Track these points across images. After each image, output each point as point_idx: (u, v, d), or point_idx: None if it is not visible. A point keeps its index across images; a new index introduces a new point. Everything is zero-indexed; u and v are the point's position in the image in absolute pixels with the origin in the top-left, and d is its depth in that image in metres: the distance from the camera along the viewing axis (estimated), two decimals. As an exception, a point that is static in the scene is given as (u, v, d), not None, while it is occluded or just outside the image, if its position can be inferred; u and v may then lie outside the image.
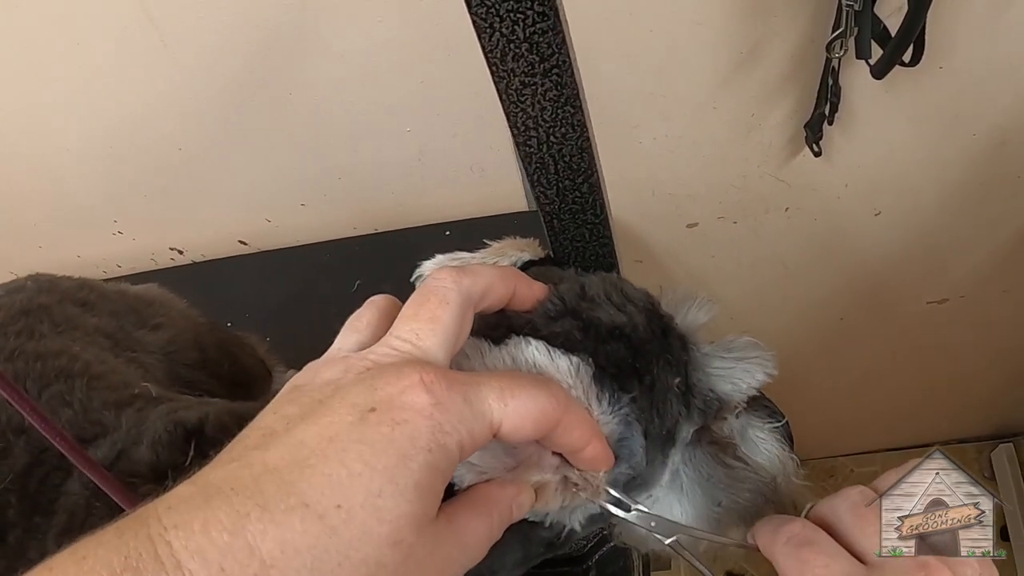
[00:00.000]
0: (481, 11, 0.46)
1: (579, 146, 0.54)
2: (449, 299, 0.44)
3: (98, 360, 0.74)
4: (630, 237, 1.36)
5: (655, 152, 1.21)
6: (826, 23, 1.01)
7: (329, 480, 0.37)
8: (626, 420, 0.49)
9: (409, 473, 0.38)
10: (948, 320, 1.59)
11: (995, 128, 1.19)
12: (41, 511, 0.63)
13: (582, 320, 0.50)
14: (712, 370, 0.56)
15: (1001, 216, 1.36)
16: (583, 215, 0.60)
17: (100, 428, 0.67)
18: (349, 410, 0.39)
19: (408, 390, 0.40)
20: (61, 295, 0.83)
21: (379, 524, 0.37)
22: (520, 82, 0.50)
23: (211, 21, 1.07)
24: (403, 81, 1.12)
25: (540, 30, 0.47)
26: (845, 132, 1.18)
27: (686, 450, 0.56)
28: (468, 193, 1.28)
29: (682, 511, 0.57)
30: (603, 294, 0.53)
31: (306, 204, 1.34)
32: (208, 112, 1.20)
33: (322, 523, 0.36)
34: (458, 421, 0.40)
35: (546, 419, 0.43)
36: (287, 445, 0.39)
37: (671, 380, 0.53)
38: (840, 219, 1.35)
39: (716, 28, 1.04)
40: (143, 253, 1.46)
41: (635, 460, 0.50)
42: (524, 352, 0.48)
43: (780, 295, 1.52)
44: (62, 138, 1.25)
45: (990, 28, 1.05)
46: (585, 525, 0.52)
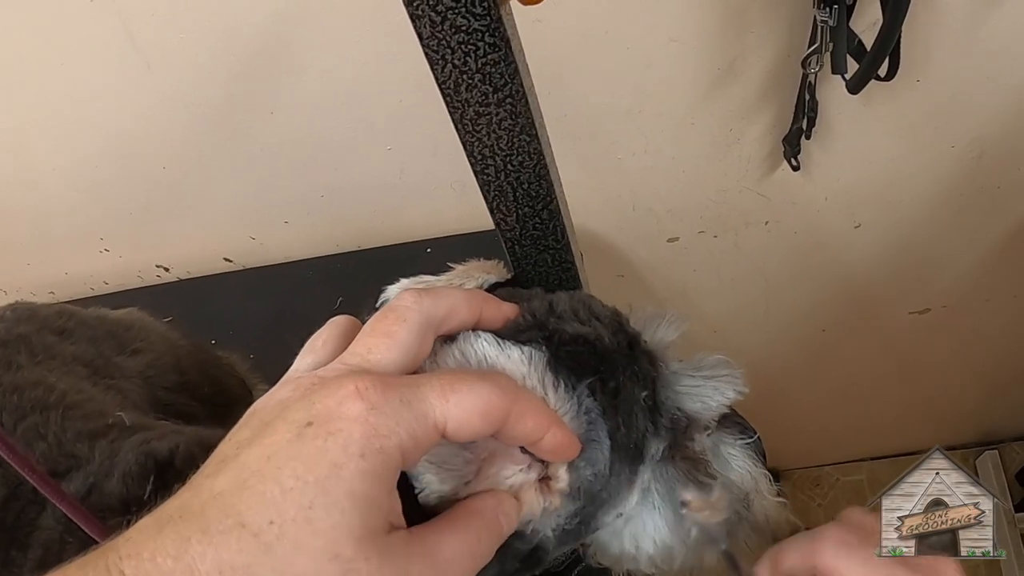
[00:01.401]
0: (433, 43, 0.46)
1: (536, 174, 0.54)
2: (407, 317, 0.44)
3: (75, 389, 0.75)
4: (611, 252, 1.37)
5: (635, 168, 1.22)
6: (802, 38, 1.01)
7: (264, 498, 0.37)
8: (588, 416, 0.48)
9: (341, 482, 0.37)
10: (931, 330, 1.60)
11: (973, 140, 1.20)
12: (17, 544, 0.63)
13: (547, 331, 0.50)
14: (681, 388, 0.56)
15: (981, 227, 1.37)
16: (544, 241, 0.60)
17: (73, 461, 0.67)
18: (288, 427, 0.39)
19: (344, 400, 0.39)
20: (40, 324, 0.83)
21: (312, 537, 0.36)
22: (475, 112, 0.50)
23: (193, 43, 1.07)
24: (382, 100, 1.13)
25: (492, 61, 0.47)
26: (823, 146, 1.19)
27: (656, 468, 0.55)
28: (449, 210, 1.28)
29: (655, 528, 0.56)
30: (570, 310, 0.53)
31: (289, 222, 1.35)
32: (191, 132, 1.20)
33: (257, 540, 0.36)
34: (395, 424, 0.39)
35: (493, 411, 0.42)
36: (233, 470, 0.39)
37: (638, 393, 0.52)
38: (820, 232, 1.35)
39: (692, 45, 1.05)
40: (130, 270, 1.46)
41: (599, 467, 0.49)
42: (473, 346, 0.48)
43: (762, 308, 1.53)
44: (48, 157, 1.26)
45: (966, 42, 1.06)
46: (558, 541, 0.51)
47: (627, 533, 0.57)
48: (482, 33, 0.46)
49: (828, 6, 0.94)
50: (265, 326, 1.30)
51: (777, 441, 2.06)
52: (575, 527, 0.51)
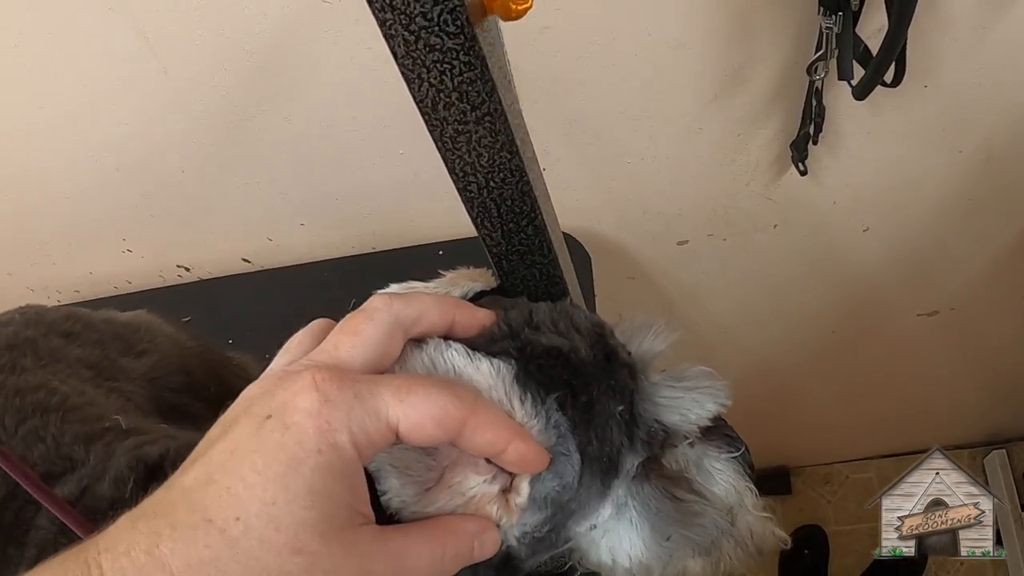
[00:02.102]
0: (408, 62, 0.46)
1: (519, 190, 0.54)
2: (375, 317, 0.45)
3: (76, 392, 0.75)
4: (622, 255, 1.38)
5: (644, 173, 1.23)
6: (808, 45, 1.02)
7: (228, 493, 0.38)
8: (557, 430, 0.48)
9: (300, 478, 0.38)
10: (939, 332, 1.60)
11: (981, 144, 1.21)
12: (14, 543, 0.64)
13: (520, 342, 0.50)
14: (660, 400, 0.55)
15: (989, 230, 1.38)
16: (531, 256, 0.59)
17: (69, 463, 0.67)
18: (250, 421, 0.40)
19: (299, 393, 0.40)
20: (47, 327, 0.84)
21: (276, 532, 0.37)
22: (453, 130, 0.49)
23: (209, 49, 1.09)
24: (395, 105, 1.14)
25: (468, 79, 0.46)
26: (831, 151, 1.20)
27: (632, 484, 0.55)
28: (461, 213, 1.27)
29: (631, 544, 0.55)
30: (549, 321, 0.52)
31: (305, 224, 1.37)
32: (208, 136, 1.22)
33: (223, 536, 0.37)
34: (348, 418, 0.40)
35: (448, 419, 0.42)
36: (201, 466, 0.40)
37: (613, 407, 0.51)
38: (829, 235, 1.36)
39: (699, 52, 1.06)
40: (152, 270, 1.48)
41: (566, 479, 0.49)
42: (444, 355, 0.47)
43: (771, 309, 1.53)
44: (72, 161, 1.28)
45: (973, 46, 1.07)
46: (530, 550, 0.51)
47: (604, 545, 0.56)
48: (457, 52, 0.45)
49: (833, 13, 0.95)
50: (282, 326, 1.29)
51: (787, 439, 2.06)
52: (545, 535, 0.50)
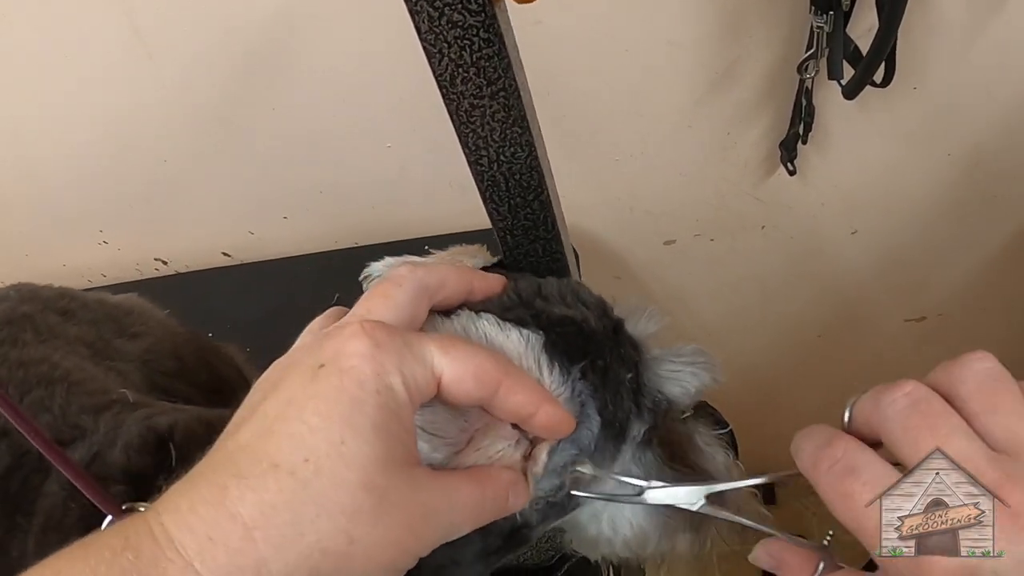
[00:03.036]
0: (430, 37, 0.48)
1: (528, 165, 0.56)
2: (402, 283, 0.47)
3: (78, 368, 0.76)
4: (608, 254, 1.38)
5: (632, 170, 1.23)
6: (799, 44, 1.02)
7: (292, 439, 0.39)
8: (580, 398, 0.50)
9: (365, 417, 0.39)
10: (926, 338, 1.60)
11: (970, 148, 1.20)
12: (22, 511, 0.64)
13: (534, 310, 0.52)
14: (662, 372, 0.58)
15: (978, 235, 1.37)
16: (535, 231, 0.62)
17: (78, 431, 0.68)
18: (301, 373, 0.41)
19: (350, 339, 0.41)
20: (43, 304, 0.85)
21: (347, 470, 0.38)
22: (469, 104, 0.52)
23: (197, 37, 1.08)
24: (384, 98, 1.14)
25: (486, 55, 0.49)
26: (820, 151, 1.20)
27: (637, 450, 0.57)
28: (447, 208, 1.29)
29: (633, 511, 0.58)
30: (557, 293, 0.55)
31: (288, 217, 1.36)
32: (193, 125, 1.21)
33: (293, 478, 0.38)
34: (400, 362, 0.41)
35: (487, 376, 0.44)
36: (253, 423, 0.41)
37: (623, 374, 0.54)
38: (817, 237, 1.36)
39: (691, 49, 1.06)
40: (128, 263, 1.47)
41: (583, 444, 0.51)
42: (475, 323, 0.50)
43: (757, 312, 1.53)
44: (49, 148, 1.27)
45: (964, 49, 1.06)
46: (541, 515, 0.53)
47: (605, 515, 0.59)
48: (477, 29, 0.48)
49: (825, 12, 0.95)
50: (262, 320, 1.30)
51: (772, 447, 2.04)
52: (560, 500, 0.53)
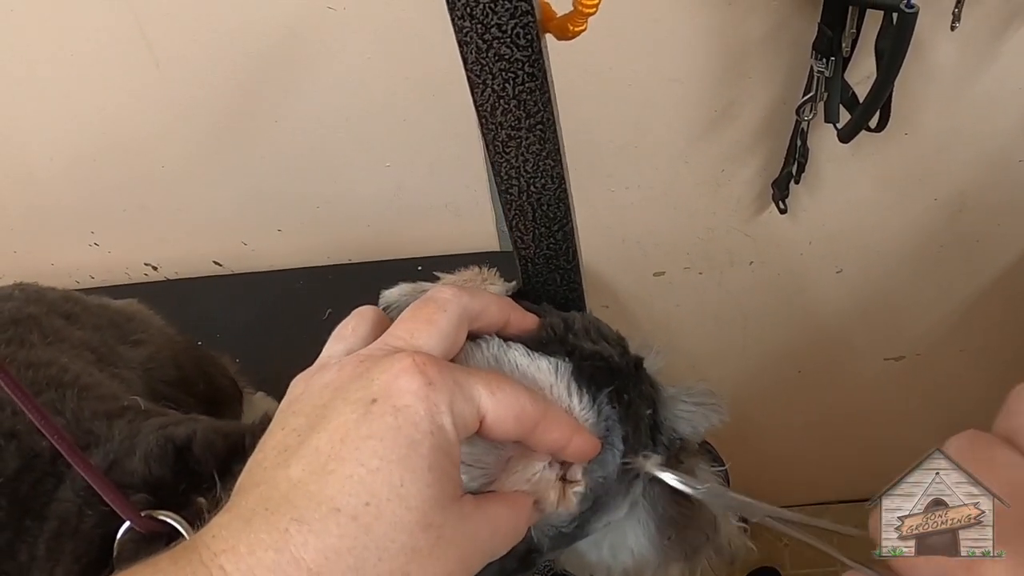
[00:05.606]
0: (476, 68, 0.49)
1: (556, 196, 0.57)
2: (447, 308, 0.46)
3: (86, 372, 0.74)
4: (598, 282, 1.39)
5: (627, 201, 1.24)
6: (797, 87, 1.04)
7: (351, 481, 0.38)
8: (607, 423, 0.51)
9: (421, 458, 0.39)
10: (905, 377, 1.62)
11: (956, 194, 1.23)
12: (32, 515, 0.63)
13: (568, 345, 0.53)
14: (677, 411, 0.59)
15: (958, 278, 1.40)
16: (556, 260, 0.63)
17: (92, 437, 0.67)
18: (352, 407, 0.40)
19: (402, 374, 0.41)
20: (48, 306, 0.83)
21: (408, 512, 0.38)
22: (506, 135, 0.53)
23: (205, 46, 1.09)
24: (386, 117, 1.15)
25: (528, 89, 0.50)
26: (811, 191, 1.22)
27: (648, 485, 0.58)
28: (441, 230, 1.29)
29: (636, 542, 0.59)
30: (583, 329, 0.55)
31: (283, 230, 1.36)
32: (193, 133, 1.21)
33: (356, 523, 0.38)
34: (451, 402, 0.41)
35: (527, 416, 0.44)
36: (305, 457, 0.40)
37: (643, 410, 0.55)
38: (803, 275, 1.38)
39: (692, 86, 1.08)
40: (118, 266, 1.46)
41: (609, 470, 0.52)
42: (507, 354, 0.50)
43: (740, 346, 1.54)
44: (46, 147, 1.26)
45: (955, 99, 1.09)
46: (552, 544, 0.53)
47: (607, 542, 0.59)
48: (523, 63, 0.49)
49: (825, 57, 0.97)
50: (251, 331, 1.30)
51: (746, 478, 2.05)
52: (572, 531, 0.53)
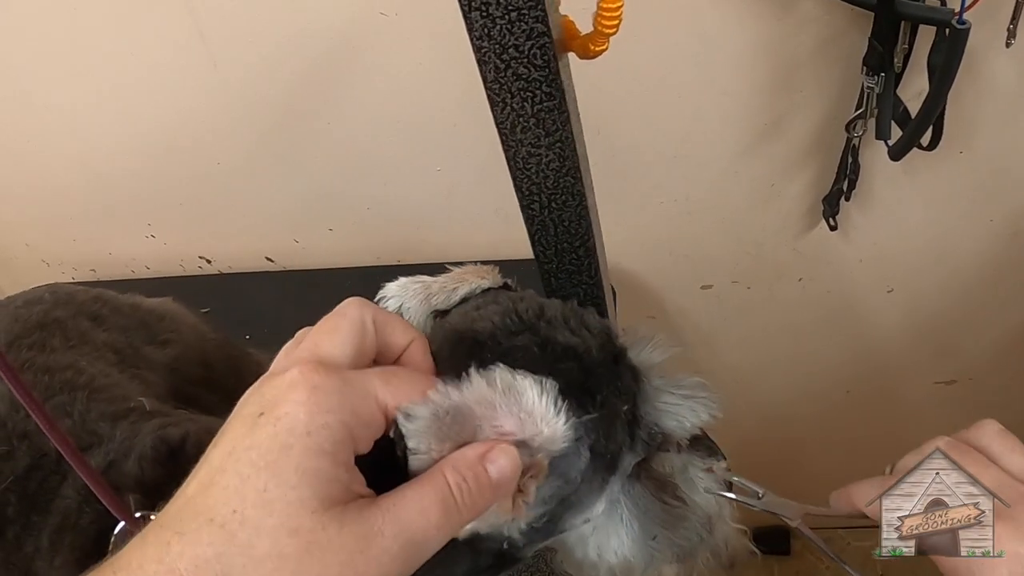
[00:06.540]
0: (495, 87, 0.50)
1: (577, 213, 0.57)
2: (348, 315, 0.47)
3: (103, 374, 0.77)
4: (644, 293, 1.38)
5: (675, 213, 1.24)
6: (849, 102, 1.04)
7: (227, 491, 0.40)
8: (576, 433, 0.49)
9: (289, 460, 0.39)
10: (956, 401, 1.58)
11: (1011, 216, 1.21)
12: (38, 510, 0.66)
13: (540, 337, 0.52)
14: (660, 404, 0.58)
15: (1011, 302, 1.37)
16: (579, 276, 0.63)
17: (95, 438, 0.70)
18: (243, 422, 0.42)
19: (289, 387, 0.42)
20: (76, 309, 0.86)
21: (269, 517, 0.39)
22: (527, 152, 0.53)
23: (262, 47, 1.11)
24: (438, 123, 1.16)
25: (547, 108, 0.51)
26: (862, 209, 1.20)
27: (626, 482, 0.57)
28: (490, 235, 1.31)
29: (619, 542, 0.58)
30: (560, 317, 0.55)
31: (334, 229, 1.38)
32: (249, 131, 1.24)
33: (223, 531, 0.39)
34: (338, 401, 0.41)
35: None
36: (199, 472, 0.42)
37: (619, 406, 0.54)
38: (853, 293, 1.36)
39: (742, 99, 1.08)
40: (172, 258, 1.50)
41: (571, 476, 0.51)
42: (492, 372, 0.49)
43: (788, 363, 1.53)
44: (107, 140, 1.30)
45: (1012, 117, 1.07)
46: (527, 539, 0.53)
47: (592, 542, 0.58)
48: (540, 83, 0.50)
49: (876, 73, 0.97)
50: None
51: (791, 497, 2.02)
52: (543, 526, 0.53)
